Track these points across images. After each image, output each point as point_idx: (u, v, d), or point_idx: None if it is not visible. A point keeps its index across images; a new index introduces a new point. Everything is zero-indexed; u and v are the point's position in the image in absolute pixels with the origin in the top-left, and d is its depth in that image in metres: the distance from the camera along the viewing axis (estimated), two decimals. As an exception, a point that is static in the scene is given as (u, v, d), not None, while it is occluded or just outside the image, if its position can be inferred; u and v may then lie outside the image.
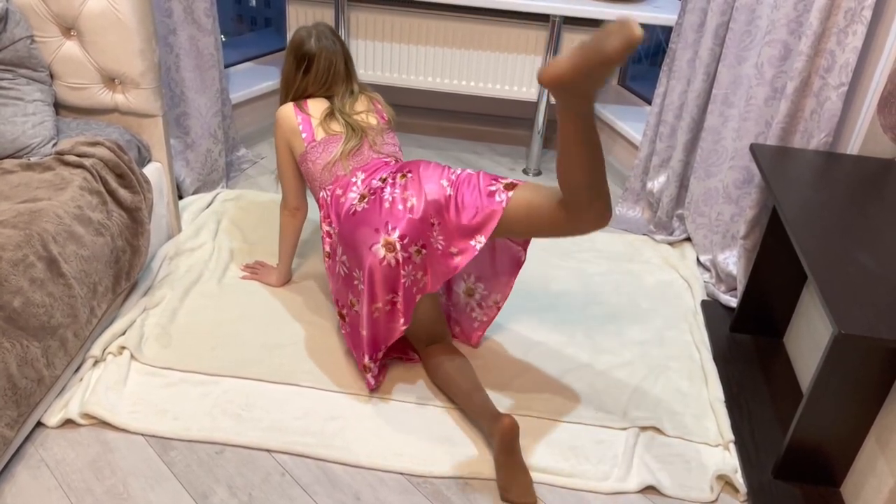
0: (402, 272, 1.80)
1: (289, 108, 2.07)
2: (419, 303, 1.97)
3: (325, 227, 1.99)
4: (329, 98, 2.09)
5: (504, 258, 2.02)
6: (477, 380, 1.92)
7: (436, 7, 2.92)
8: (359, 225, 1.84)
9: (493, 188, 1.80)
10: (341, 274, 1.92)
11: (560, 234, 1.75)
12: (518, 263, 2.01)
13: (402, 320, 1.86)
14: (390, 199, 1.83)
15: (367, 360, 1.92)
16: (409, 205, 1.81)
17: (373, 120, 2.09)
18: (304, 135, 2.03)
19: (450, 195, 1.81)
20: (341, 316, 1.99)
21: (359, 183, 1.95)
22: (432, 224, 1.81)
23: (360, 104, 2.10)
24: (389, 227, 1.79)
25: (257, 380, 2.00)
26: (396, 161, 2.06)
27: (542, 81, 1.45)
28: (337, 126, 2.03)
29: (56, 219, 1.83)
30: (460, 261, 1.80)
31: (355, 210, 1.88)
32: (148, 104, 2.28)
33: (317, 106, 2.07)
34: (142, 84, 2.24)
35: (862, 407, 1.67)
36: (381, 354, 1.93)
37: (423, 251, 1.82)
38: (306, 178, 2.07)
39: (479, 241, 1.79)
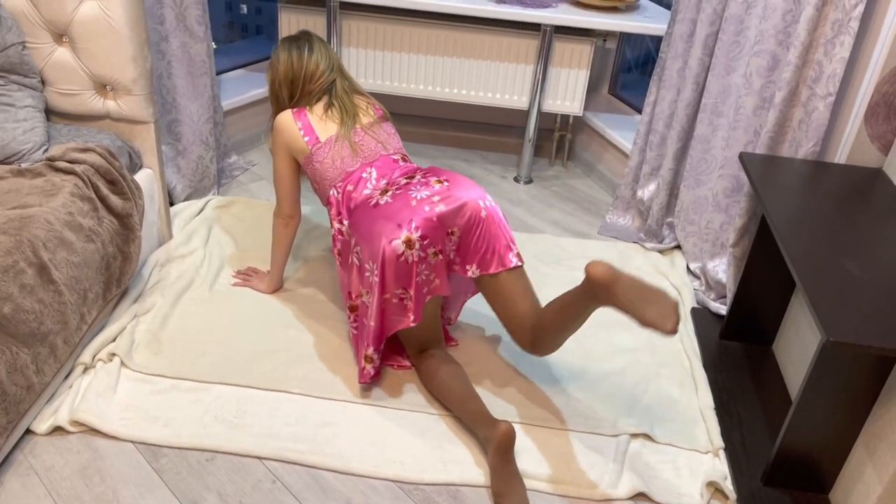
0: (416, 270, 1.83)
1: (287, 115, 2.08)
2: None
3: (336, 226, 2.01)
4: (329, 90, 2.11)
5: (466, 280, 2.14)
6: (471, 386, 1.92)
7: (428, 16, 2.93)
8: (379, 218, 1.85)
9: (511, 246, 1.92)
10: (354, 264, 1.93)
11: (507, 328, 1.94)
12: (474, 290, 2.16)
13: (411, 316, 1.88)
14: (417, 198, 1.86)
15: (370, 350, 1.92)
16: (436, 209, 1.84)
17: (371, 112, 2.13)
18: (306, 138, 2.05)
19: (483, 217, 1.88)
20: (352, 308, 1.99)
21: (372, 179, 1.99)
22: (449, 233, 1.87)
23: (358, 97, 2.15)
24: (413, 226, 1.81)
25: (248, 386, 1.99)
26: (404, 159, 2.10)
27: (599, 272, 1.61)
28: (336, 114, 2.07)
29: (47, 225, 1.82)
30: (457, 270, 1.93)
31: (377, 203, 1.90)
32: (139, 111, 2.28)
33: (315, 108, 2.09)
34: (133, 90, 2.24)
35: (850, 414, 1.69)
36: (382, 346, 1.94)
37: (439, 256, 1.87)
38: (313, 181, 2.09)
39: (474, 273, 1.92)
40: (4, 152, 2.03)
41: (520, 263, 1.91)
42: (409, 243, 1.81)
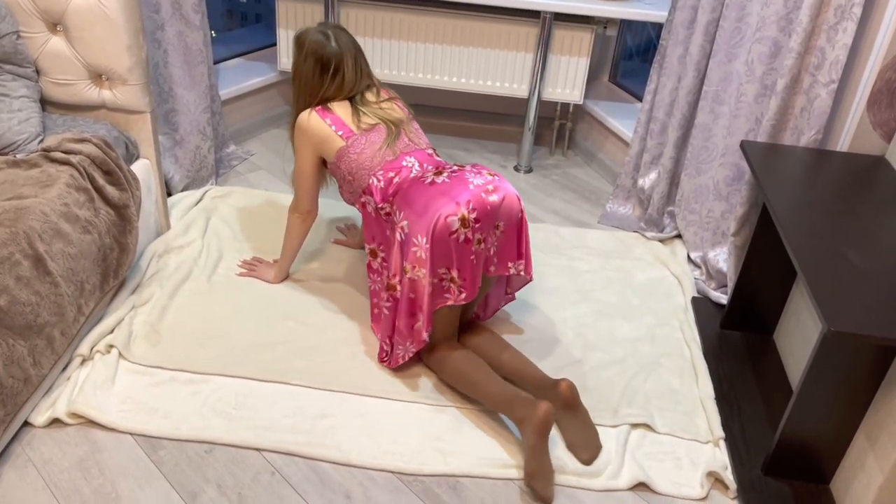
0: (466, 249, 1.85)
1: (313, 114, 2.04)
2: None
3: (380, 211, 1.99)
4: (350, 98, 2.08)
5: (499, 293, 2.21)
6: (492, 371, 1.95)
7: (426, 3, 2.91)
8: (436, 194, 1.87)
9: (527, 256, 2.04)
10: (397, 241, 1.90)
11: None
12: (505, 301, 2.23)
13: (460, 293, 1.90)
14: (474, 182, 1.89)
15: (419, 323, 1.90)
16: (490, 198, 1.87)
17: (398, 110, 2.12)
18: (339, 132, 2.02)
19: (520, 218, 1.96)
20: (389, 287, 1.94)
21: (415, 167, 2.00)
22: (496, 226, 1.91)
23: (381, 94, 2.13)
24: (470, 206, 1.84)
25: (247, 378, 1.99)
26: (434, 151, 2.12)
27: (569, 390, 1.85)
28: (369, 119, 2.05)
29: (42, 216, 1.81)
30: (494, 270, 1.98)
31: (433, 181, 1.92)
32: (136, 100, 2.26)
33: (341, 108, 2.06)
34: (129, 80, 2.22)
35: (851, 404, 1.68)
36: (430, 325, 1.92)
37: (482, 245, 1.89)
38: (347, 173, 2.04)
39: (517, 269, 2.00)
40: (-1, 143, 2.02)
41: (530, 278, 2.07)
42: (463, 222, 1.83)
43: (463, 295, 1.90)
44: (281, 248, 2.33)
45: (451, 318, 2.00)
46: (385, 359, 2.04)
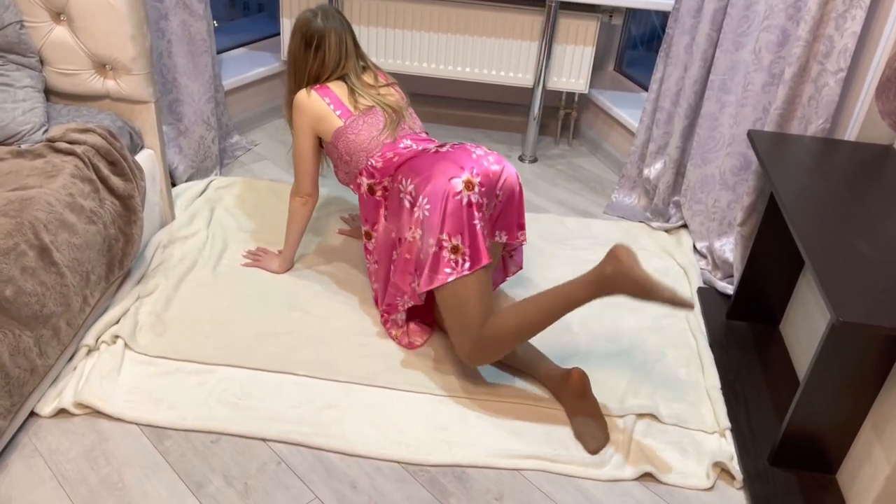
0: (470, 212, 1.85)
1: (311, 93, 2.08)
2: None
3: (384, 184, 2.02)
4: (343, 78, 2.12)
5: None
6: (534, 349, 2.03)
7: (431, -8, 2.89)
8: (441, 160, 1.91)
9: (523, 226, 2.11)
10: (405, 206, 1.91)
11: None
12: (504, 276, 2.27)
13: (475, 262, 1.84)
14: (476, 153, 1.94)
15: (417, 284, 1.91)
16: (492, 168, 1.92)
17: (395, 95, 2.16)
18: (338, 112, 2.06)
19: (517, 191, 2.01)
20: (404, 244, 1.95)
21: (413, 147, 2.04)
22: (497, 195, 1.95)
23: (378, 79, 2.16)
24: (474, 172, 1.87)
25: (253, 368, 1.99)
26: (427, 134, 2.16)
27: (620, 253, 1.69)
28: (366, 101, 2.09)
29: (47, 207, 1.80)
30: (505, 237, 2.05)
31: (437, 150, 1.96)
32: (140, 90, 2.26)
33: (337, 87, 2.10)
34: (133, 70, 2.21)
35: (858, 394, 1.67)
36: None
37: (484, 212, 1.92)
38: (345, 154, 2.07)
39: (501, 238, 2.05)
40: (4, 133, 2.01)
41: (525, 242, 2.11)
42: (468, 185, 1.85)
43: (467, 265, 1.84)
44: (284, 237, 2.33)
45: (481, 291, 1.90)
46: (386, 319, 2.11)
